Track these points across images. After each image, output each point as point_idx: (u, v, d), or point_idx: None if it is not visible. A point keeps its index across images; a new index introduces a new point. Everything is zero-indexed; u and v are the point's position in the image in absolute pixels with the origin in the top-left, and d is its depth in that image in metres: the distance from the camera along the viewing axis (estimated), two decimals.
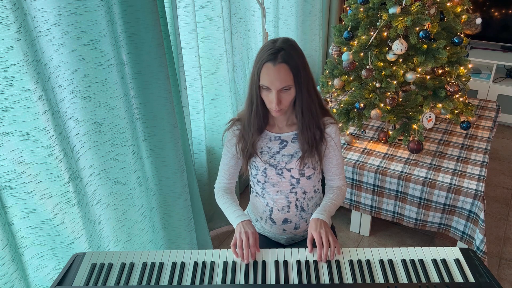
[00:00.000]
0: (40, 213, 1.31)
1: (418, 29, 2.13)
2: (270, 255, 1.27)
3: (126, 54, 1.51)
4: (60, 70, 1.30)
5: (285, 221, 1.49)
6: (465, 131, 2.54)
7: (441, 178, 2.10)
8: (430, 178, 2.11)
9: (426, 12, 2.12)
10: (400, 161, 2.26)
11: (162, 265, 1.24)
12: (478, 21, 2.45)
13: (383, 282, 1.17)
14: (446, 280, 1.17)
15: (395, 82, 2.24)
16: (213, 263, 1.25)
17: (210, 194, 2.45)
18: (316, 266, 1.23)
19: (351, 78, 2.44)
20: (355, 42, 2.35)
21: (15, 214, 1.26)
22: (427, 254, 1.27)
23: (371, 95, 2.29)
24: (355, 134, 2.56)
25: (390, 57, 2.20)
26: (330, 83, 2.58)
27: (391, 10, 2.15)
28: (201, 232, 2.18)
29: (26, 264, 1.35)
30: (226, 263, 1.25)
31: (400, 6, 2.14)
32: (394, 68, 2.24)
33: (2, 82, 1.11)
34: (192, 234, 2.01)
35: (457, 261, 1.23)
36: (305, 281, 1.18)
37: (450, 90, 2.23)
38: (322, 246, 1.25)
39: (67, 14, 1.26)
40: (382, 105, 2.28)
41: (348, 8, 2.48)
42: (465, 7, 2.36)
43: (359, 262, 1.24)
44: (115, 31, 1.43)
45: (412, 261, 1.24)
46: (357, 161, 2.27)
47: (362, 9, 2.34)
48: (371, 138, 2.51)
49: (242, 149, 1.41)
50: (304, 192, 1.46)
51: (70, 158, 1.35)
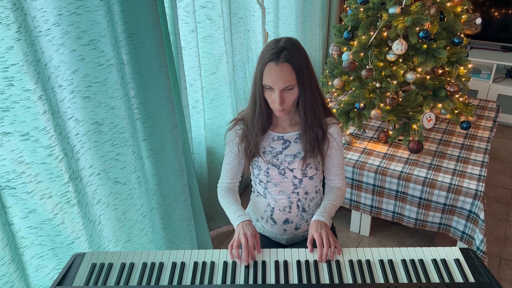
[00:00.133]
0: (40, 213, 1.31)
1: (418, 29, 2.13)
2: (270, 255, 1.27)
3: (126, 54, 1.51)
4: (60, 70, 1.30)
5: (286, 221, 1.49)
6: (465, 131, 2.54)
7: (441, 178, 2.10)
8: (430, 178, 2.11)
9: (426, 12, 2.12)
10: (400, 161, 2.26)
11: (162, 265, 1.24)
12: (478, 21, 2.45)
13: (383, 282, 1.17)
14: (446, 280, 1.17)
15: (395, 82, 2.23)
16: (213, 263, 1.25)
17: (210, 194, 2.45)
18: (316, 266, 1.22)
19: (351, 78, 2.44)
20: (355, 42, 2.35)
21: (15, 214, 1.26)
22: (427, 254, 1.27)
23: (371, 95, 2.29)
24: (355, 134, 2.56)
25: (390, 57, 2.20)
26: (330, 83, 2.58)
27: (391, 10, 2.14)
28: (201, 232, 2.18)
29: (26, 264, 1.35)
30: (226, 263, 1.25)
31: (400, 6, 2.14)
32: (394, 68, 2.24)
33: (2, 82, 1.11)
34: (192, 234, 2.00)
35: (457, 261, 1.23)
36: (305, 281, 1.18)
37: (450, 90, 2.23)
38: (323, 246, 1.25)
39: (67, 14, 1.26)
40: (382, 105, 2.28)
41: (348, 8, 2.48)
42: (465, 7, 2.36)
43: (359, 262, 1.24)
44: (115, 31, 1.43)
45: (412, 261, 1.24)
46: (357, 161, 2.27)
47: (362, 9, 2.34)
48: (371, 138, 2.51)
49: (245, 149, 1.41)
50: (306, 192, 1.46)
51: (70, 158, 1.35)
